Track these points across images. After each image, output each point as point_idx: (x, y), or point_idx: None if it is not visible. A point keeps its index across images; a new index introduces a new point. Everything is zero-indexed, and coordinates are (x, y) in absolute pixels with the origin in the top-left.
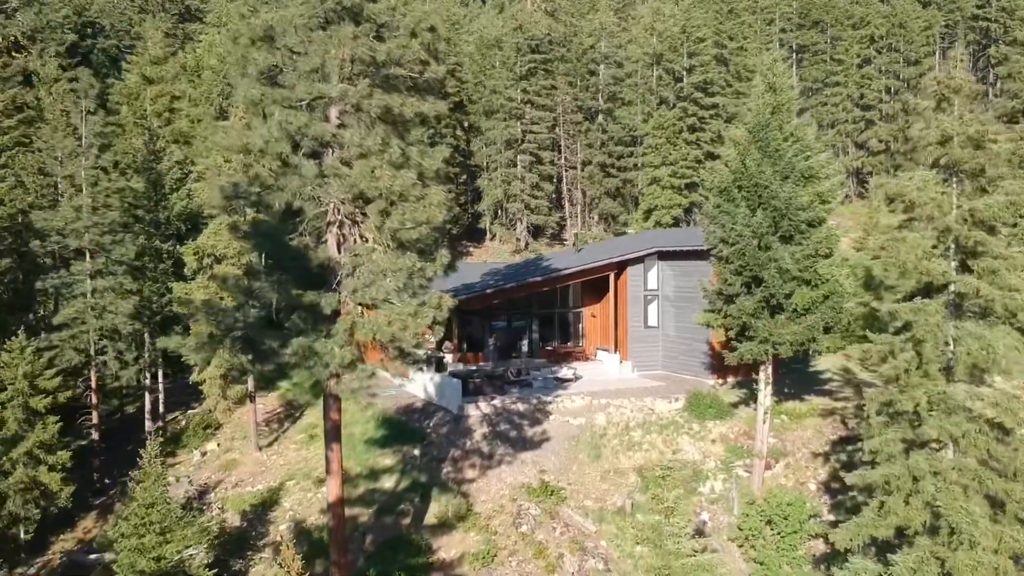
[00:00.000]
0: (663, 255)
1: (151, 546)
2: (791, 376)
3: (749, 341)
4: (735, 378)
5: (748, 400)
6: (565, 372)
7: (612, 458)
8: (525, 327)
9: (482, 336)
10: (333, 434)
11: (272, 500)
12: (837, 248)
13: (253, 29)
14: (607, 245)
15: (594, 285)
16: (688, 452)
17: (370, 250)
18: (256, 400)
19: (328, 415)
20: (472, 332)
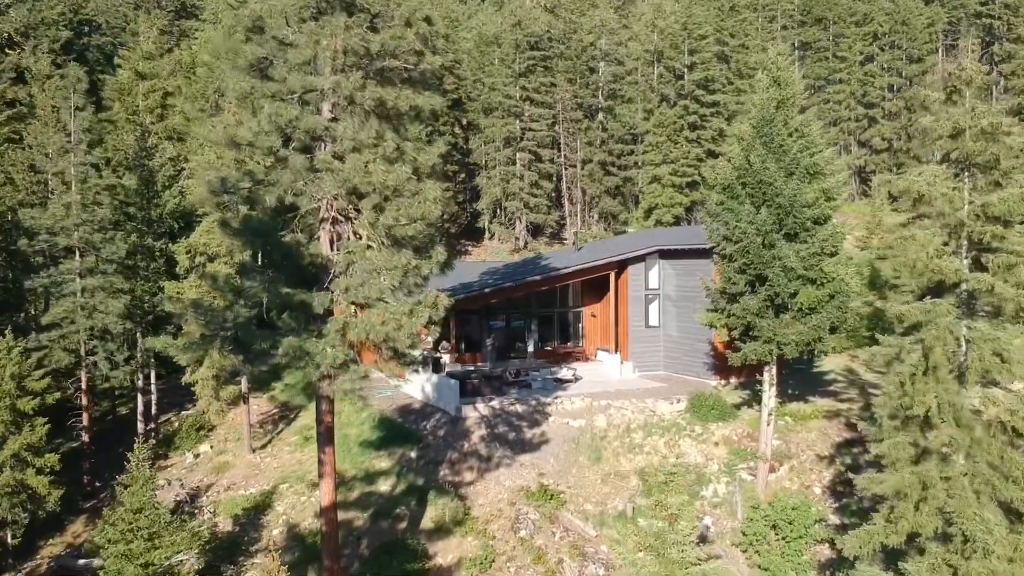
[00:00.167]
0: (664, 254)
1: (139, 552)
2: (795, 377)
3: (753, 341)
4: (738, 379)
5: (751, 401)
6: (565, 373)
7: (613, 461)
8: (524, 327)
9: (480, 336)
10: (326, 437)
11: (265, 504)
12: (842, 247)
13: (241, 20)
14: (607, 244)
15: (594, 284)
16: (690, 455)
17: (364, 247)
18: (250, 401)
19: (320, 417)
20: (470, 332)
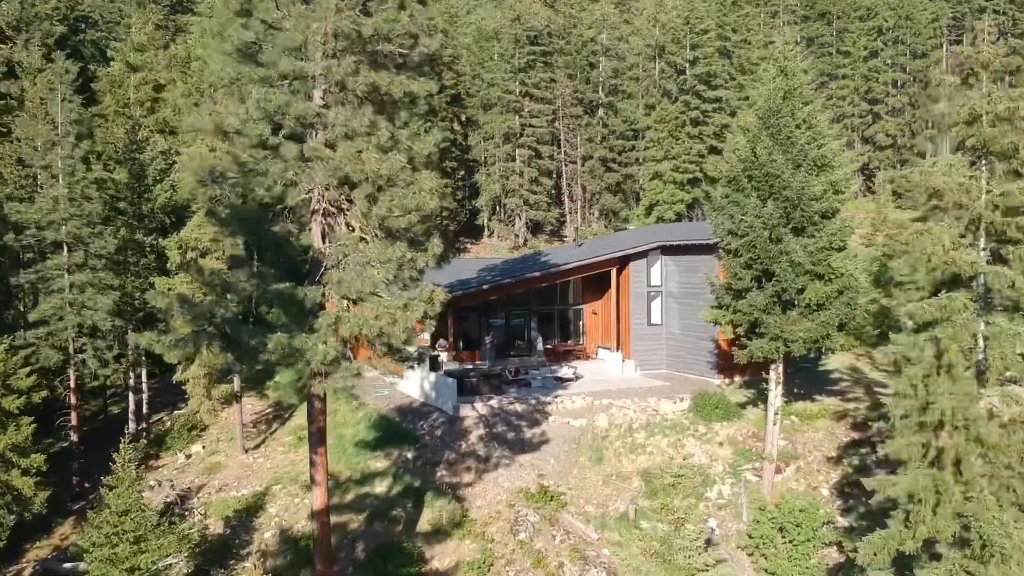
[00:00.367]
0: (667, 250)
1: (124, 556)
2: (800, 376)
3: (760, 338)
4: (742, 377)
5: (756, 400)
6: (565, 371)
7: (615, 461)
8: (524, 325)
9: (479, 334)
10: (318, 437)
11: (257, 505)
12: (849, 242)
13: (230, 2)
14: (608, 240)
15: (595, 281)
16: (694, 455)
17: (356, 240)
18: (243, 400)
19: (313, 417)
20: (468, 330)
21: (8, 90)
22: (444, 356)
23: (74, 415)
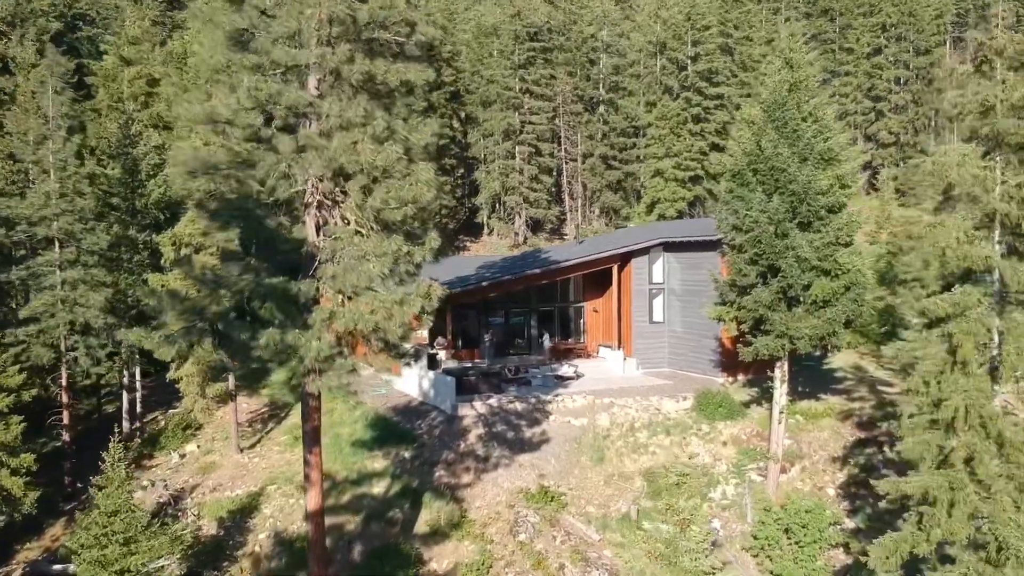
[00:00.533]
0: (669, 246)
1: (114, 558)
2: (804, 374)
3: (765, 335)
4: (746, 376)
5: (760, 399)
6: (566, 370)
7: (616, 461)
8: (524, 322)
9: (478, 332)
10: (312, 437)
11: (252, 506)
12: (856, 237)
13: None
14: (610, 237)
15: (596, 278)
16: (698, 455)
17: (351, 233)
18: (238, 399)
19: (307, 416)
20: (467, 327)
21: (2, 86)
22: (443, 354)
23: (66, 414)
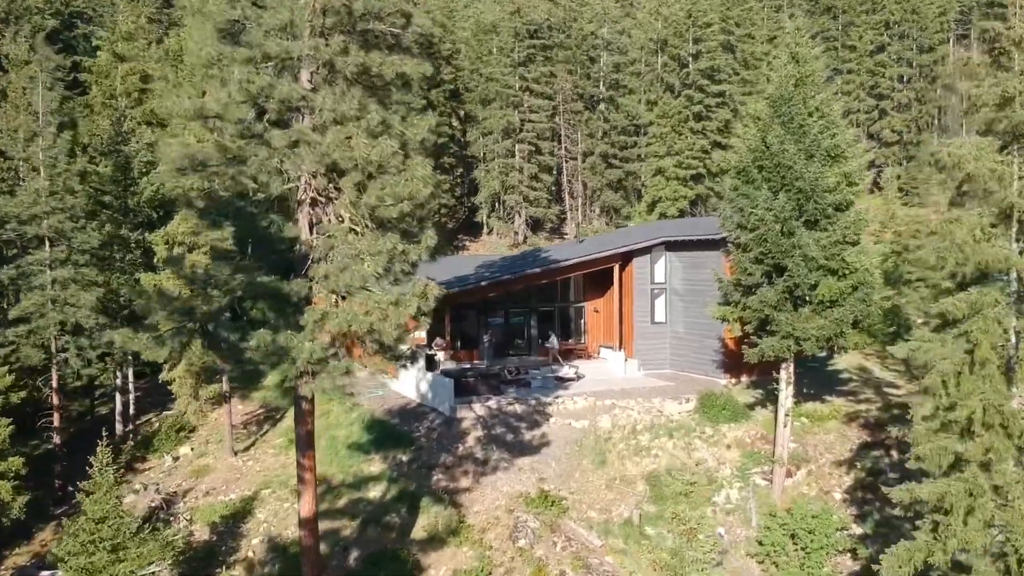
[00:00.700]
0: (671, 246)
1: (101, 565)
2: (808, 375)
3: (770, 336)
4: (750, 377)
5: (765, 401)
6: (566, 371)
7: (618, 464)
8: (523, 323)
9: (477, 332)
10: (306, 441)
11: (245, 511)
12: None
13: None
14: (611, 236)
15: (597, 278)
16: (701, 458)
17: (345, 231)
18: (232, 401)
19: (300, 419)
20: (466, 328)
21: None
22: (441, 355)
23: (56, 416)
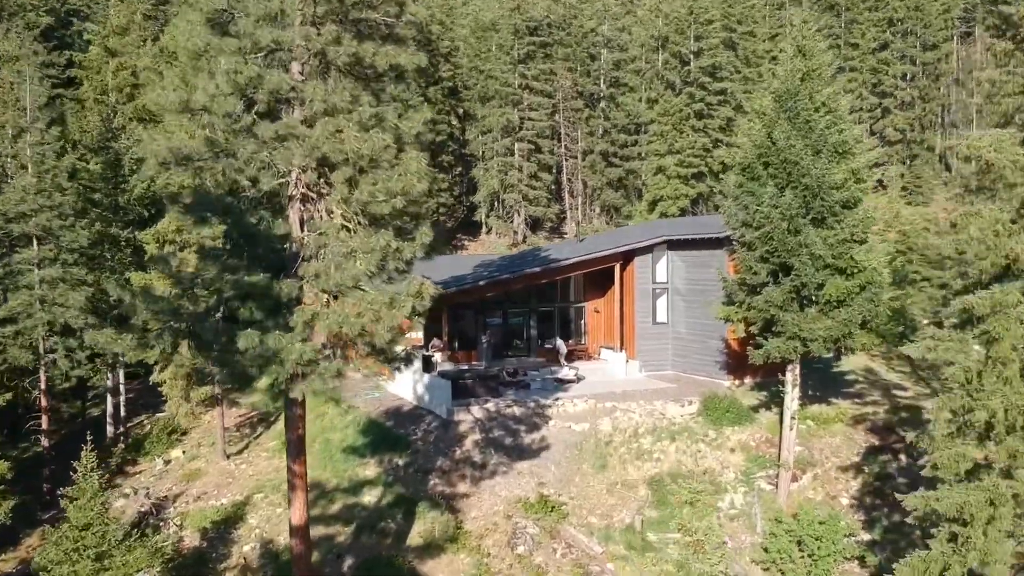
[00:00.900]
0: (673, 244)
1: (85, 574)
2: (813, 377)
3: (776, 337)
4: (753, 379)
5: (769, 403)
6: (566, 372)
7: (619, 468)
8: (523, 323)
9: (475, 333)
10: (296, 446)
11: (237, 516)
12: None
13: None
14: (611, 235)
15: (597, 278)
16: (704, 462)
17: (337, 228)
18: (224, 403)
19: (291, 423)
20: (464, 328)
21: None
22: (438, 356)
23: (45, 419)
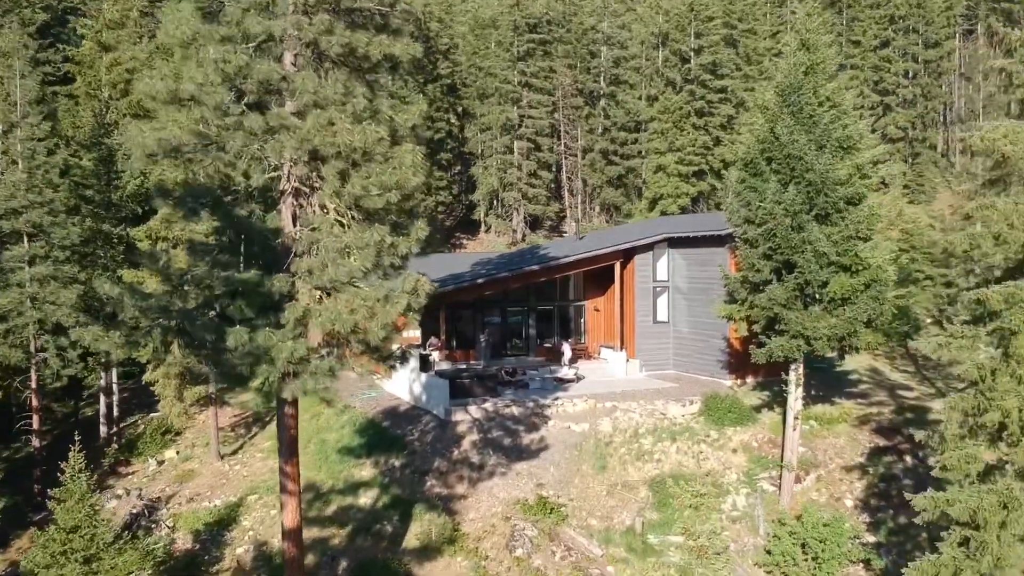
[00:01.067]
0: (674, 242)
1: None
2: (817, 376)
3: (779, 336)
4: (756, 378)
5: (772, 403)
6: (565, 372)
7: (619, 469)
8: (521, 322)
9: (473, 332)
10: (289, 447)
11: (231, 518)
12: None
13: None
14: (612, 233)
15: (597, 276)
16: (706, 463)
17: (330, 223)
18: (218, 403)
19: (283, 424)
20: (462, 327)
21: None
22: (435, 355)
23: (36, 418)
